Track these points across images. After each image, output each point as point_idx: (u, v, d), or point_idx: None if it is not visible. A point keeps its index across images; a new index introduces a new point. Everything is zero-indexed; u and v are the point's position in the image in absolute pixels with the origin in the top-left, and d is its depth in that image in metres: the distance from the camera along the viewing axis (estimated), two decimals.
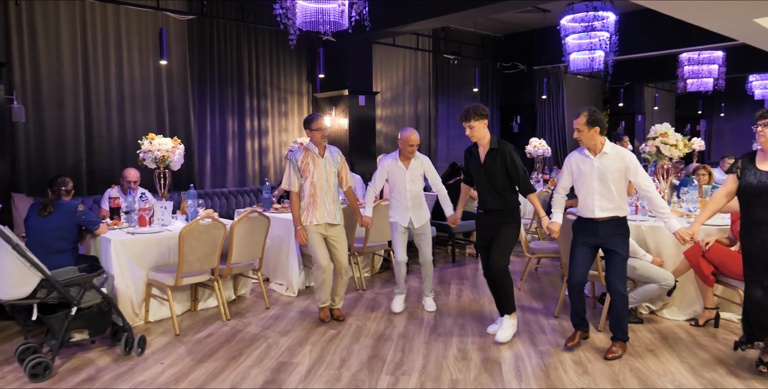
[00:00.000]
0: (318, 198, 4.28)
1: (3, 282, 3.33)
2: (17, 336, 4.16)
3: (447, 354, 3.81)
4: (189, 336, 4.16)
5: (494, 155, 3.90)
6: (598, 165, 3.63)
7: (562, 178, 3.90)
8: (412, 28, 7.90)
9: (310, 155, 4.28)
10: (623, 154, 3.61)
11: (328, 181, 4.30)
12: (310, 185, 4.26)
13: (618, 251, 3.63)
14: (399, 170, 4.57)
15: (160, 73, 6.95)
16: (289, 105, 8.45)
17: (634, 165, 3.59)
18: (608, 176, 3.60)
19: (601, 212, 3.63)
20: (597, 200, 3.63)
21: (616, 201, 3.62)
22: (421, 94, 10.22)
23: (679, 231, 3.57)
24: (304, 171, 4.27)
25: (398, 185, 4.60)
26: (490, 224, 3.99)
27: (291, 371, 3.54)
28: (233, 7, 7.52)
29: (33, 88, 5.96)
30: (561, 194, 3.94)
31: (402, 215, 4.61)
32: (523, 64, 11.36)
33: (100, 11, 6.41)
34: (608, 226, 3.65)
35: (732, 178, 3.42)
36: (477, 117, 3.87)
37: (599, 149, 3.64)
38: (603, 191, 3.61)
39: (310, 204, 4.28)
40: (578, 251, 3.76)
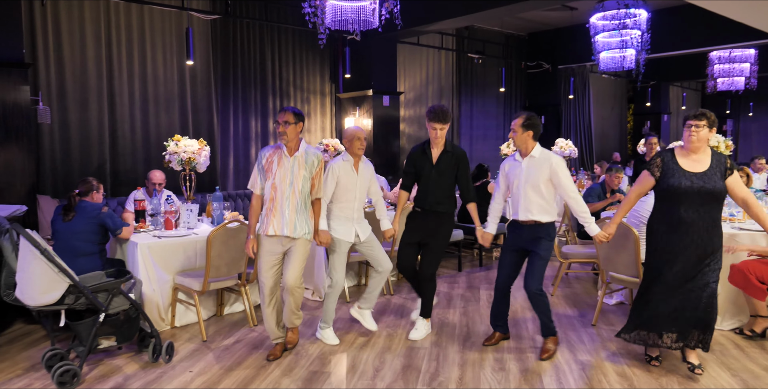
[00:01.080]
0: (277, 204, 3.58)
1: (31, 289, 3.25)
2: (43, 341, 4.10)
3: (484, 364, 3.66)
4: (216, 343, 4.07)
5: (448, 158, 3.94)
6: (525, 168, 3.68)
7: (498, 185, 3.94)
8: (438, 27, 7.77)
9: (278, 154, 3.60)
10: (549, 157, 3.64)
11: (292, 185, 3.57)
12: (270, 188, 3.59)
13: (537, 252, 3.67)
14: (351, 175, 3.98)
15: (184, 73, 6.89)
16: (312, 106, 8.36)
17: (559, 168, 3.59)
18: (533, 179, 3.63)
19: (525, 216, 3.68)
20: (521, 204, 3.68)
21: (541, 205, 3.65)
22: (444, 93, 10.07)
23: (596, 235, 3.66)
24: (267, 171, 3.61)
25: (347, 193, 3.97)
26: (427, 225, 3.99)
27: (323, 381, 3.42)
28: (257, 6, 7.44)
29: (58, 89, 5.94)
30: (496, 201, 3.97)
31: (346, 228, 3.98)
32: (548, 63, 11.15)
33: (124, 11, 6.37)
34: (531, 229, 3.69)
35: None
36: (449, 119, 3.95)
37: (528, 152, 3.68)
38: (528, 193, 3.65)
39: (269, 211, 3.60)
40: (506, 255, 3.85)
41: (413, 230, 4.04)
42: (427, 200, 3.96)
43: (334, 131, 8.62)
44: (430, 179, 3.94)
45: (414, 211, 4.07)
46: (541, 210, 3.65)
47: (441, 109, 3.88)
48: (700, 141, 3.32)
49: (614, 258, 4.20)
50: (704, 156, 3.35)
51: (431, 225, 3.97)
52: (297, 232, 3.59)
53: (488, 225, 3.97)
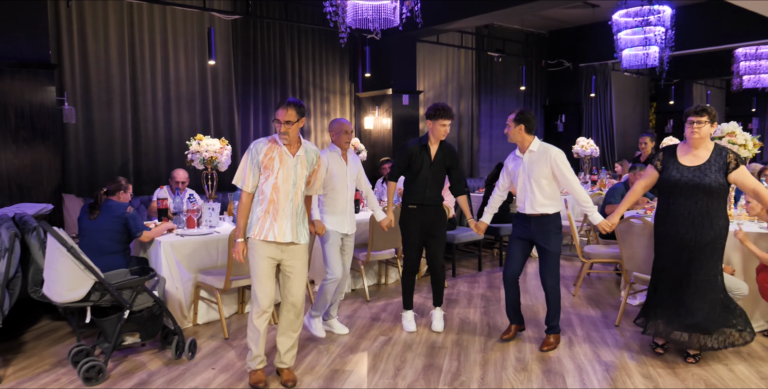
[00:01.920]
0: (280, 207, 3.21)
1: (58, 285, 3.31)
2: (69, 337, 4.17)
3: (506, 364, 3.63)
4: (238, 340, 4.09)
5: (443, 153, 4.07)
6: (526, 162, 3.75)
7: (501, 179, 4.02)
8: (458, 25, 7.73)
9: (277, 151, 3.23)
10: (547, 151, 3.71)
11: (295, 186, 3.25)
12: (271, 188, 3.22)
13: (548, 248, 3.73)
14: (341, 165, 3.98)
15: (205, 73, 6.96)
16: (332, 105, 8.38)
17: (558, 159, 3.67)
18: (535, 173, 3.70)
19: (531, 209, 3.73)
20: (527, 198, 3.74)
21: (545, 198, 3.70)
22: (463, 92, 10.02)
23: (600, 224, 3.72)
24: (266, 168, 3.22)
25: (338, 183, 3.96)
26: (428, 220, 4.09)
27: (345, 379, 3.42)
28: (277, 6, 7.48)
29: (82, 89, 6.03)
30: (498, 193, 4.04)
31: (340, 220, 3.98)
32: (569, 61, 11.03)
33: (147, 12, 6.45)
34: (539, 222, 3.74)
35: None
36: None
37: (526, 147, 3.76)
38: (532, 188, 3.71)
39: (267, 213, 3.20)
40: (513, 245, 3.90)
41: (415, 230, 4.10)
42: (426, 195, 4.05)
43: (353, 130, 8.62)
44: (428, 174, 4.04)
45: (408, 209, 4.10)
46: (547, 203, 3.72)
47: (445, 106, 4.01)
48: (701, 137, 3.39)
49: (637, 258, 4.14)
50: (704, 151, 3.43)
51: (431, 219, 4.09)
52: (300, 237, 3.26)
53: (485, 215, 4.07)
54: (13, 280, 3.69)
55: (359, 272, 5.30)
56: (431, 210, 4.10)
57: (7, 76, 4.92)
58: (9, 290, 3.67)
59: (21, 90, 4.98)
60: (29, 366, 3.67)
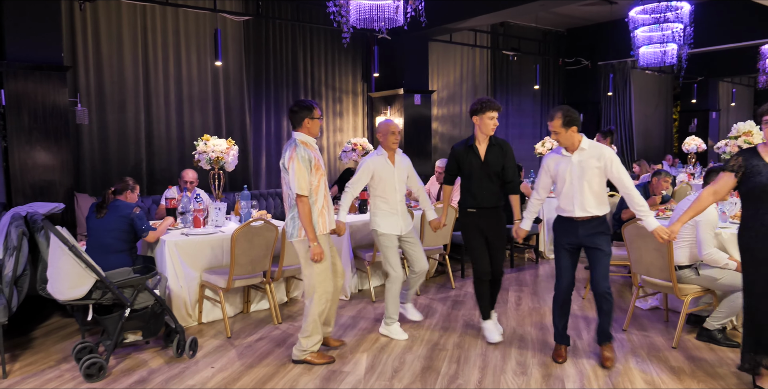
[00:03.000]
0: (327, 201, 3.61)
1: (60, 283, 3.37)
2: (76, 334, 4.24)
3: (505, 367, 3.58)
4: (240, 339, 4.12)
5: (495, 151, 3.87)
6: (576, 162, 3.46)
7: (539, 180, 3.73)
8: (470, 24, 7.66)
9: (314, 153, 3.55)
10: (601, 150, 3.45)
11: (325, 181, 3.67)
12: (324, 185, 3.57)
13: (601, 248, 3.47)
14: (387, 169, 3.98)
15: (218, 74, 7.02)
16: (344, 105, 8.38)
17: (612, 161, 3.41)
18: (586, 173, 3.44)
19: (582, 211, 3.47)
20: (577, 199, 3.47)
21: (596, 199, 3.47)
22: (478, 92, 9.94)
23: (656, 230, 3.37)
24: (317, 169, 3.51)
25: (387, 187, 3.99)
26: (488, 224, 3.91)
27: (341, 380, 3.41)
28: (288, 7, 7.51)
29: (96, 91, 6.14)
30: (538, 197, 3.77)
31: (392, 223, 4.03)
32: (587, 59, 10.85)
33: (160, 15, 6.54)
34: (589, 225, 3.49)
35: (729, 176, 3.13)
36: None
37: (576, 146, 3.46)
38: (582, 189, 3.45)
39: (325, 208, 3.57)
40: (562, 254, 3.60)
41: (476, 234, 3.91)
42: (483, 198, 3.86)
43: (365, 130, 8.63)
44: (481, 176, 3.85)
45: (466, 213, 3.95)
46: (598, 204, 3.47)
47: (489, 98, 3.87)
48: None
49: (646, 261, 4.04)
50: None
51: (492, 223, 3.91)
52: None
53: (524, 221, 3.82)
54: (22, 277, 3.77)
55: (365, 273, 5.29)
56: (490, 213, 3.90)
57: (21, 78, 5.03)
58: (17, 288, 3.75)
59: (35, 92, 5.09)
60: (36, 361, 3.74)
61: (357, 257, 5.21)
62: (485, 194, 3.86)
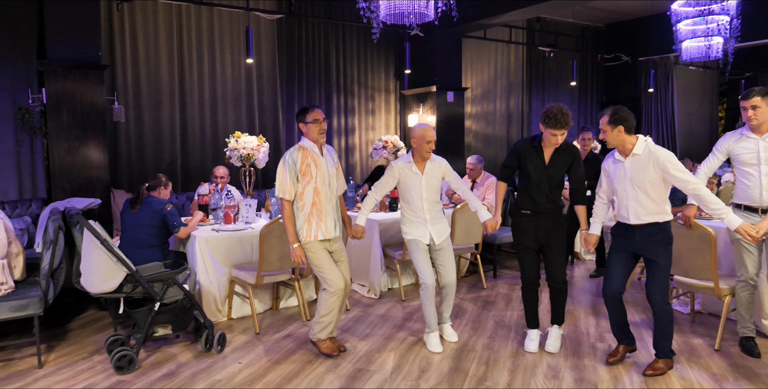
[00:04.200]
0: (323, 207, 3.54)
1: (92, 276, 3.43)
2: (110, 327, 4.33)
3: (536, 370, 3.48)
4: (268, 336, 4.12)
5: (562, 156, 3.61)
6: (629, 168, 3.28)
7: (600, 183, 3.58)
8: (505, 19, 7.51)
9: (310, 155, 3.54)
10: (657, 153, 3.20)
11: (330, 186, 3.59)
12: (312, 192, 3.52)
13: (657, 261, 3.27)
14: (413, 176, 3.80)
15: (251, 72, 7.08)
16: (376, 103, 8.35)
17: (671, 164, 3.16)
18: (641, 179, 3.24)
19: (636, 219, 3.30)
20: (631, 207, 3.30)
21: (653, 206, 3.26)
22: (513, 89, 9.76)
23: (742, 226, 3.12)
24: (304, 175, 3.51)
25: (413, 195, 3.82)
26: (543, 226, 3.67)
27: (366, 379, 3.37)
28: (321, 5, 7.52)
29: (133, 89, 6.26)
30: (602, 200, 3.61)
31: (421, 231, 3.84)
32: (627, 55, 10.53)
33: (194, 14, 6.63)
34: (646, 232, 3.30)
35: None
36: (570, 123, 3.53)
37: (629, 150, 3.27)
38: (637, 195, 3.27)
39: (312, 215, 3.52)
40: (614, 258, 3.46)
41: (529, 238, 3.70)
42: (540, 201, 3.64)
43: (398, 128, 8.58)
44: (541, 180, 3.61)
45: (521, 215, 3.72)
46: (653, 212, 3.26)
47: (561, 112, 3.40)
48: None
49: (685, 262, 3.86)
50: None
51: (547, 225, 3.66)
52: (338, 230, 3.67)
53: (592, 226, 3.60)
54: (58, 270, 3.87)
55: (395, 272, 5.24)
56: (547, 217, 3.66)
57: (61, 77, 5.17)
58: (54, 280, 3.84)
59: (74, 90, 5.23)
60: (70, 353, 3.83)
61: (387, 255, 5.16)
62: (543, 199, 3.63)
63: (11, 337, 4.02)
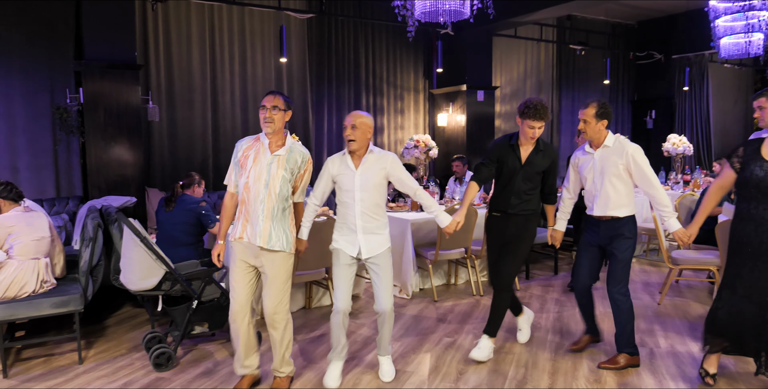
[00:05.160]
0: (250, 207, 2.97)
1: (132, 274, 3.46)
2: (146, 324, 4.37)
3: (577, 374, 3.40)
4: (303, 335, 4.11)
5: (539, 157, 3.45)
6: (599, 159, 3.36)
7: (569, 178, 3.62)
8: (536, 17, 7.42)
9: (255, 148, 3.02)
10: (625, 146, 3.30)
11: (268, 187, 2.95)
12: (243, 188, 3.00)
13: (615, 254, 3.34)
14: (347, 173, 3.15)
15: (281, 72, 7.11)
16: (405, 102, 8.31)
17: (637, 156, 3.26)
18: (608, 170, 3.31)
19: (600, 211, 3.36)
20: (597, 198, 3.37)
21: (617, 198, 3.32)
22: (543, 88, 9.64)
23: (677, 232, 3.26)
24: (241, 167, 3.02)
25: (345, 195, 3.16)
26: (509, 230, 3.52)
27: (405, 380, 3.33)
28: (351, 4, 7.51)
29: (166, 89, 6.33)
30: (568, 195, 3.63)
31: (347, 240, 3.18)
32: (659, 53, 10.31)
33: (226, 14, 6.67)
34: (609, 226, 3.36)
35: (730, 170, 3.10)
36: (549, 116, 3.42)
37: (601, 142, 3.36)
38: (604, 186, 3.33)
39: (241, 214, 3.02)
40: (582, 252, 3.53)
41: (495, 241, 3.58)
42: (510, 202, 3.47)
43: (427, 127, 8.53)
44: (515, 179, 3.44)
45: (492, 216, 3.58)
46: (619, 204, 3.33)
47: (540, 104, 3.31)
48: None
49: None
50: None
51: (514, 229, 3.50)
52: (271, 243, 2.96)
53: (558, 222, 3.63)
54: (97, 267, 3.91)
55: (427, 272, 5.20)
56: (518, 220, 3.48)
57: (98, 77, 5.24)
58: (93, 277, 3.89)
59: (110, 90, 5.30)
60: (108, 349, 3.87)
61: (419, 255, 5.12)
62: (516, 201, 3.46)
63: (51, 333, 4.08)
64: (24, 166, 5.56)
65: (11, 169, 5.50)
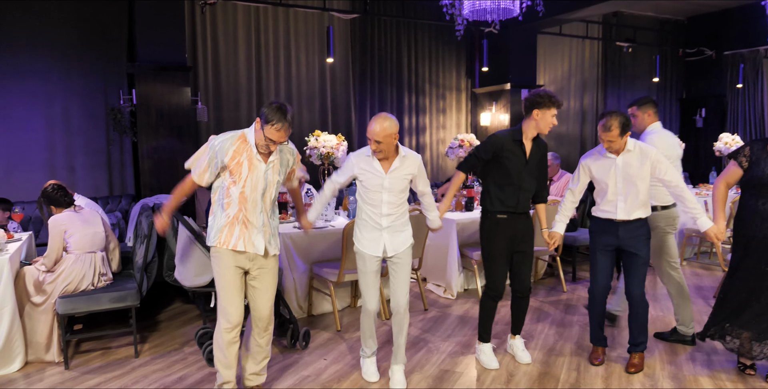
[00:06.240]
0: (250, 215, 2.86)
1: (186, 271, 3.54)
2: (197, 320, 4.47)
3: (632, 379, 3.32)
4: (349, 333, 4.14)
5: (538, 150, 3.39)
6: (622, 164, 3.30)
7: (576, 182, 3.51)
8: (583, 14, 7.26)
9: (248, 154, 2.81)
10: (648, 150, 3.29)
11: (265, 194, 2.89)
12: (238, 196, 2.85)
13: (639, 254, 3.34)
14: (374, 175, 3.08)
15: (325, 72, 7.16)
16: (447, 102, 8.27)
17: (661, 161, 3.26)
18: (633, 175, 3.28)
19: (625, 215, 3.32)
20: (621, 202, 3.32)
21: (643, 200, 3.32)
22: (588, 86, 9.44)
23: (711, 229, 3.25)
24: (232, 173, 2.82)
25: (371, 197, 3.11)
26: (518, 231, 3.40)
27: (454, 381, 3.32)
28: (394, 4, 7.51)
29: (214, 90, 6.46)
30: (573, 198, 3.54)
31: (370, 238, 3.15)
32: (711, 49, 9.97)
33: (272, 15, 6.76)
34: (630, 227, 3.34)
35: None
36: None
37: (622, 146, 3.29)
38: (628, 191, 3.30)
39: (237, 221, 2.86)
40: (599, 255, 3.44)
41: (503, 245, 3.38)
42: (519, 201, 3.34)
43: (469, 127, 8.46)
44: (522, 177, 3.32)
45: (496, 219, 3.37)
46: (644, 204, 3.33)
47: (551, 92, 3.31)
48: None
49: None
50: None
51: (523, 230, 3.40)
52: (272, 248, 2.96)
53: (557, 224, 3.51)
54: (151, 264, 4.03)
55: (472, 272, 5.16)
56: (524, 219, 3.41)
57: (150, 79, 5.39)
58: (147, 274, 4.00)
59: (161, 91, 5.44)
60: (162, 343, 3.97)
61: (464, 255, 5.08)
62: (523, 198, 3.35)
63: (107, 327, 4.21)
64: (80, 165, 5.76)
65: (68, 168, 5.71)
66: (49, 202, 3.76)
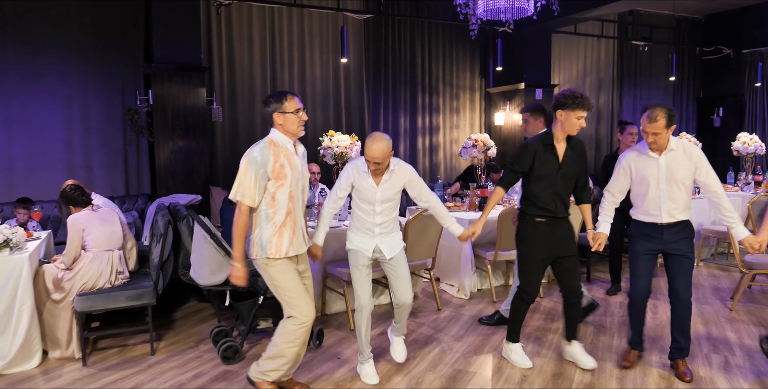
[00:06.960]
0: (297, 217, 2.91)
1: (202, 269, 3.58)
2: (212, 318, 4.51)
3: (646, 380, 3.29)
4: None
5: (573, 152, 3.30)
6: (665, 164, 3.20)
7: (617, 181, 3.39)
8: (599, 13, 7.21)
9: (284, 154, 2.82)
10: (691, 150, 3.19)
11: (303, 190, 2.96)
12: (287, 198, 2.84)
13: (688, 256, 3.25)
14: (368, 188, 3.18)
15: (338, 72, 7.19)
16: (461, 101, 8.25)
17: (704, 162, 3.19)
18: (676, 175, 3.18)
19: (669, 217, 3.23)
20: (664, 204, 3.22)
21: (685, 202, 3.23)
22: (603, 85, 9.37)
23: (747, 239, 3.14)
24: (278, 177, 2.80)
25: (365, 207, 3.24)
26: (558, 235, 3.35)
27: (468, 380, 3.31)
28: (408, 4, 7.52)
29: (229, 90, 6.51)
30: (613, 198, 3.44)
31: (362, 241, 3.27)
32: (728, 47, 9.84)
33: (286, 16, 6.81)
34: (674, 230, 3.25)
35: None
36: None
37: (665, 146, 3.18)
38: (672, 192, 3.21)
39: (285, 226, 2.86)
40: (642, 260, 3.33)
41: (542, 249, 3.35)
42: (557, 205, 3.31)
43: (482, 126, 8.44)
44: (557, 181, 3.28)
45: (535, 223, 3.35)
46: (687, 207, 3.25)
47: (582, 93, 3.19)
48: None
49: None
50: None
51: (562, 235, 3.37)
52: (308, 242, 3.08)
53: (602, 225, 3.41)
54: (167, 263, 4.07)
55: (485, 272, 5.15)
56: (562, 224, 3.37)
57: (166, 79, 5.45)
58: (163, 272, 4.05)
59: (177, 92, 5.50)
60: (177, 341, 4.02)
61: (477, 255, 5.08)
62: (560, 203, 3.31)
63: (124, 325, 4.27)
64: (97, 164, 5.85)
65: (86, 168, 5.79)
66: (68, 202, 3.83)
